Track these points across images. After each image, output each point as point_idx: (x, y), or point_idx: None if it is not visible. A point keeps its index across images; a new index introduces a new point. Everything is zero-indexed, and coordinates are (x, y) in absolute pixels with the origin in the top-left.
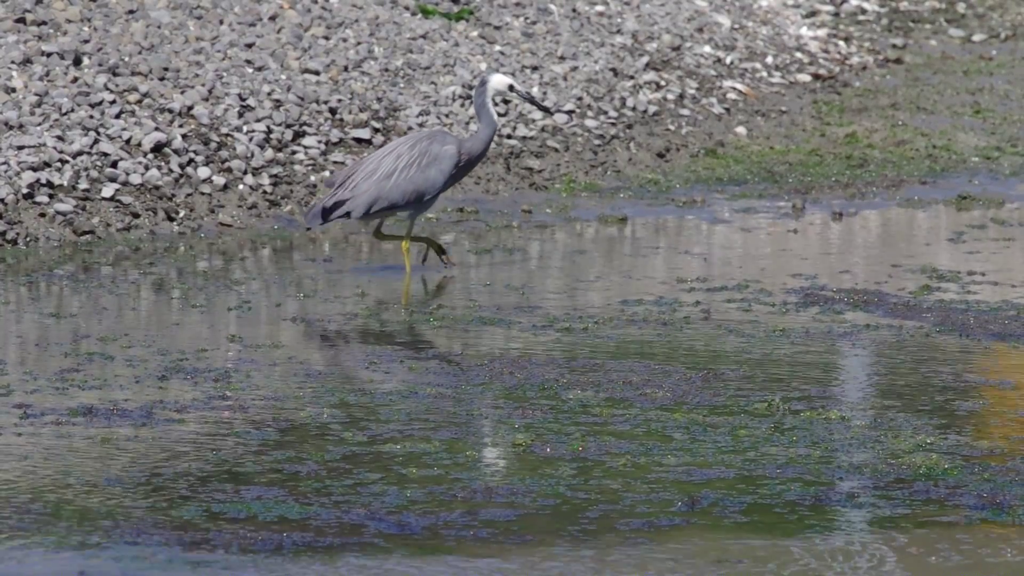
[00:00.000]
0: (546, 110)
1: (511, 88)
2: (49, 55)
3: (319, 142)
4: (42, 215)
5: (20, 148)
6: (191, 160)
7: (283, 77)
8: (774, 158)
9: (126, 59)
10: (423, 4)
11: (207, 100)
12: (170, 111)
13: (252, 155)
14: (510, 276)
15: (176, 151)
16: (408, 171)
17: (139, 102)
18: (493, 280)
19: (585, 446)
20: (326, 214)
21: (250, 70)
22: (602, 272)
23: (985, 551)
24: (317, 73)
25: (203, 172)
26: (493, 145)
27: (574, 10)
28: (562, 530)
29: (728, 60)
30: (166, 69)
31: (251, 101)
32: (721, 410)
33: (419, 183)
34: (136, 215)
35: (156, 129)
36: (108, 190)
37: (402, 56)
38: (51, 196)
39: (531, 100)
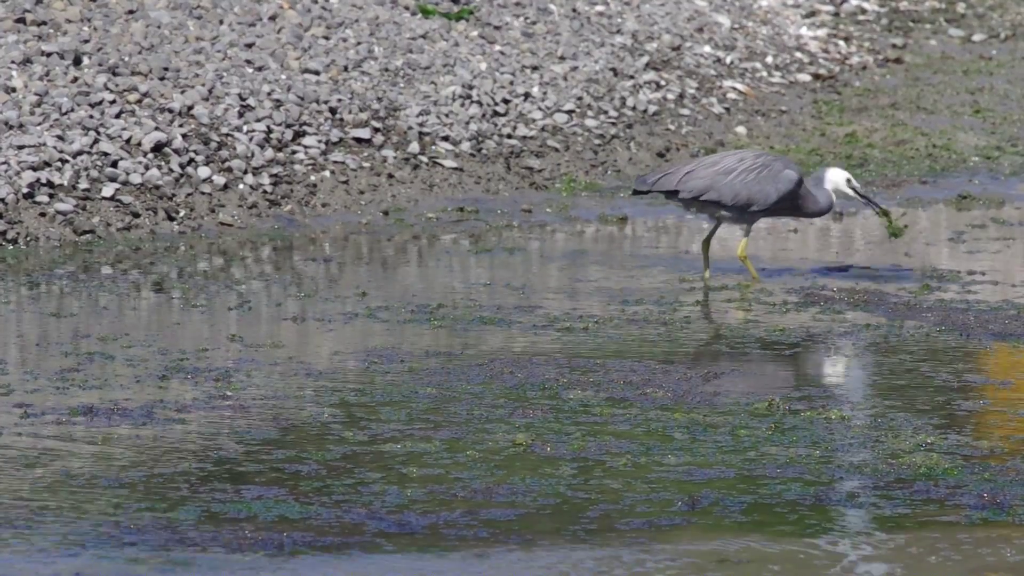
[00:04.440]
0: (876, 207)
1: (848, 182)
2: (49, 55)
3: (319, 142)
4: (42, 215)
5: (20, 148)
6: (191, 160)
7: (283, 77)
8: None
9: (126, 59)
10: (423, 4)
11: (207, 100)
12: (170, 111)
13: (252, 155)
14: (510, 276)
15: (176, 151)
16: (747, 175)
17: (139, 102)
18: (493, 280)
19: (585, 446)
20: (652, 185)
21: (250, 70)
22: (602, 272)
23: (985, 551)
24: (317, 73)
25: (203, 172)
26: (493, 144)
27: (574, 10)
28: (563, 529)
29: (728, 60)
30: (166, 69)
31: (251, 101)
32: (721, 410)
33: (753, 191)
34: (136, 215)
35: (156, 129)
36: (108, 190)
37: (402, 56)
38: (51, 196)
39: (866, 199)
